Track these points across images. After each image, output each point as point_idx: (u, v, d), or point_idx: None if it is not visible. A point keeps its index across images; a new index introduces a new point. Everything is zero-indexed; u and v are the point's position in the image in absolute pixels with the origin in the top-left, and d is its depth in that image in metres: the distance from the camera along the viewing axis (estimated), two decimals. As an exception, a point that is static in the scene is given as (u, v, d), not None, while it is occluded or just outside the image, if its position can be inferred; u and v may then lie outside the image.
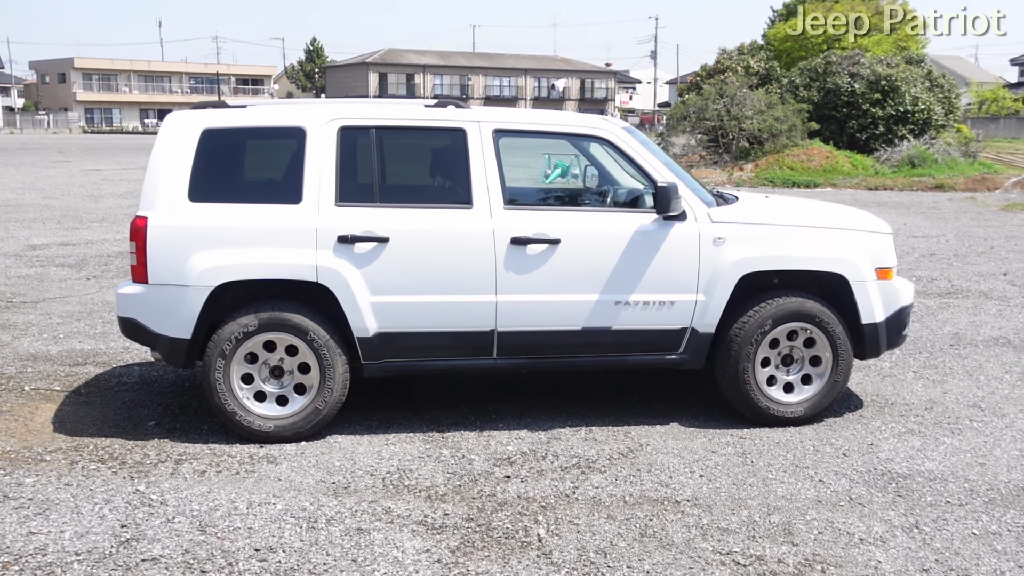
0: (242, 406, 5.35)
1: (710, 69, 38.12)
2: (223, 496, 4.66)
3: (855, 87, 31.02)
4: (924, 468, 5.06)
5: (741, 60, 37.40)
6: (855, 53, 33.02)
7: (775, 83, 34.60)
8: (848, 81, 31.29)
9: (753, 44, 39.82)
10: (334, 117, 5.40)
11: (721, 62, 38.12)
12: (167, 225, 5.24)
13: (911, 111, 30.73)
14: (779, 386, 5.71)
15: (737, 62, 37.25)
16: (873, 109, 30.70)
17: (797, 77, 33.21)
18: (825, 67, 32.41)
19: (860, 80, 31.23)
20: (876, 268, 5.70)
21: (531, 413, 5.94)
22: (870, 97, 30.93)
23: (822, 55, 33.74)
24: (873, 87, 31.14)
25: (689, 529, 4.33)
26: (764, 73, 35.73)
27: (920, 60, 34.89)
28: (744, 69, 36.39)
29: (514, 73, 79.53)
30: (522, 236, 5.36)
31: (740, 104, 28.88)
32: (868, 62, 31.88)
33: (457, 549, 4.13)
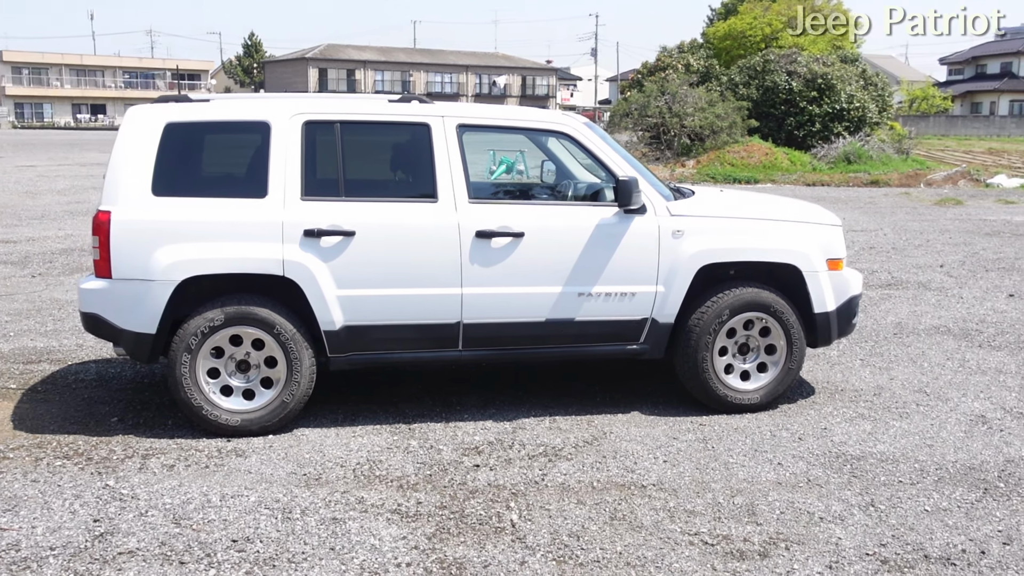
0: (209, 400, 5.36)
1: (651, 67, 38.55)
2: (195, 489, 4.67)
3: (792, 85, 31.70)
4: (876, 450, 5.27)
5: (681, 58, 37.91)
6: (792, 52, 33.70)
7: (714, 81, 35.18)
8: (786, 79, 31.96)
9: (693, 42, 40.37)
10: (299, 111, 5.43)
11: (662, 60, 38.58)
12: (131, 219, 5.22)
13: (846, 109, 31.50)
14: (736, 374, 5.88)
15: (677, 60, 37.75)
16: (810, 107, 31.40)
17: (736, 75, 33.80)
18: (763, 65, 33.06)
19: (797, 78, 31.92)
20: (827, 259, 5.90)
21: (495, 404, 6.03)
22: (807, 95, 31.63)
23: (760, 54, 34.39)
24: (810, 85, 31.85)
25: (657, 512, 4.46)
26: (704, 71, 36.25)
27: (855, 59, 35.75)
28: (684, 67, 36.88)
29: (456, 70, 79.43)
30: (487, 229, 5.45)
31: (681, 101, 29.29)
32: (805, 61, 32.59)
33: (433, 536, 4.21)
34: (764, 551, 4.07)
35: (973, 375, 6.78)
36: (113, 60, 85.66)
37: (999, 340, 7.82)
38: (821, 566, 3.94)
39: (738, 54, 37.37)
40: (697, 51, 38.70)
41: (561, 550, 4.08)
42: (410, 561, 3.97)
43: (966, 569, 3.93)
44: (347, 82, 75.03)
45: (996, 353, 7.40)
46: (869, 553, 4.05)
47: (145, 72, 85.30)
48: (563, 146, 6.61)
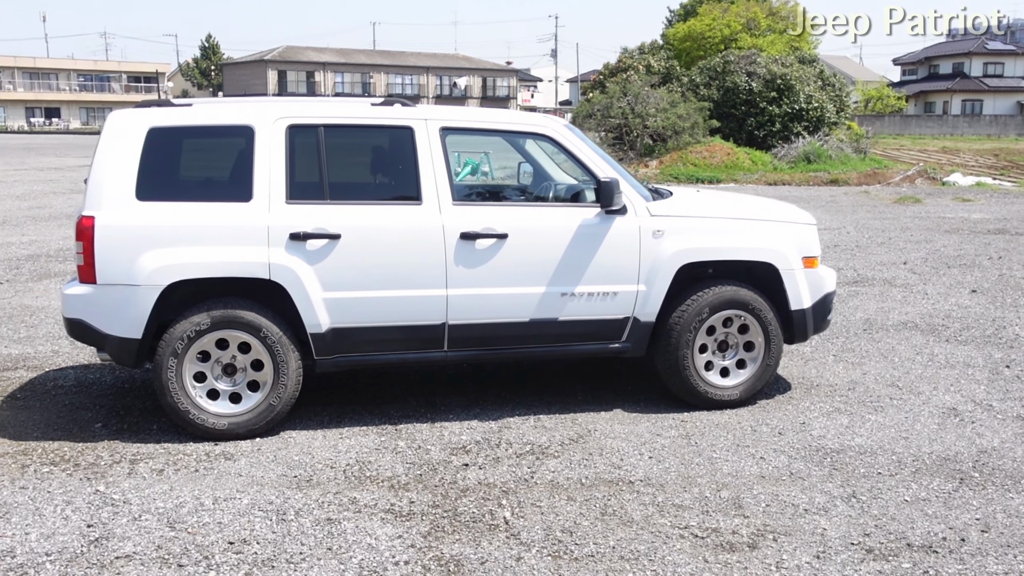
0: (195, 404, 5.36)
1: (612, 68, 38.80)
2: (186, 493, 4.68)
3: (752, 86, 32.05)
4: (854, 443, 5.40)
5: (642, 59, 38.19)
6: (751, 53, 34.09)
7: (675, 82, 35.46)
8: (746, 80, 32.31)
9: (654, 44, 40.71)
10: (282, 115, 5.45)
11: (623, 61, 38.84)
12: (115, 225, 5.21)
13: (805, 109, 31.93)
14: (716, 371, 6.00)
15: (638, 61, 38.02)
16: (770, 107, 31.77)
17: (697, 76, 34.11)
18: (723, 66, 33.39)
19: (757, 79, 32.28)
20: (803, 257, 6.04)
21: (479, 404, 6.09)
22: (767, 95, 32.00)
23: (720, 55, 34.72)
24: (769, 86, 32.22)
25: (646, 507, 4.55)
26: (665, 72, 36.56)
27: (812, 60, 36.21)
28: (645, 68, 37.17)
29: (416, 71, 79.26)
30: (471, 231, 5.51)
31: (644, 102, 29.51)
32: (764, 61, 32.97)
33: (428, 534, 4.26)
34: (753, 543, 4.18)
35: (942, 369, 6.96)
36: (67, 63, 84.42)
37: (965, 335, 8.02)
38: (809, 556, 4.05)
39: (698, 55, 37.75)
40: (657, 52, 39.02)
41: (555, 545, 4.15)
42: (407, 559, 4.03)
43: (947, 556, 4.06)
44: (306, 84, 74.58)
45: (963, 347, 7.59)
46: (854, 543, 4.17)
47: (100, 75, 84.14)
48: (540, 148, 6.71)
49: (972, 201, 20.34)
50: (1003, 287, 10.23)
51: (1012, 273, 11.12)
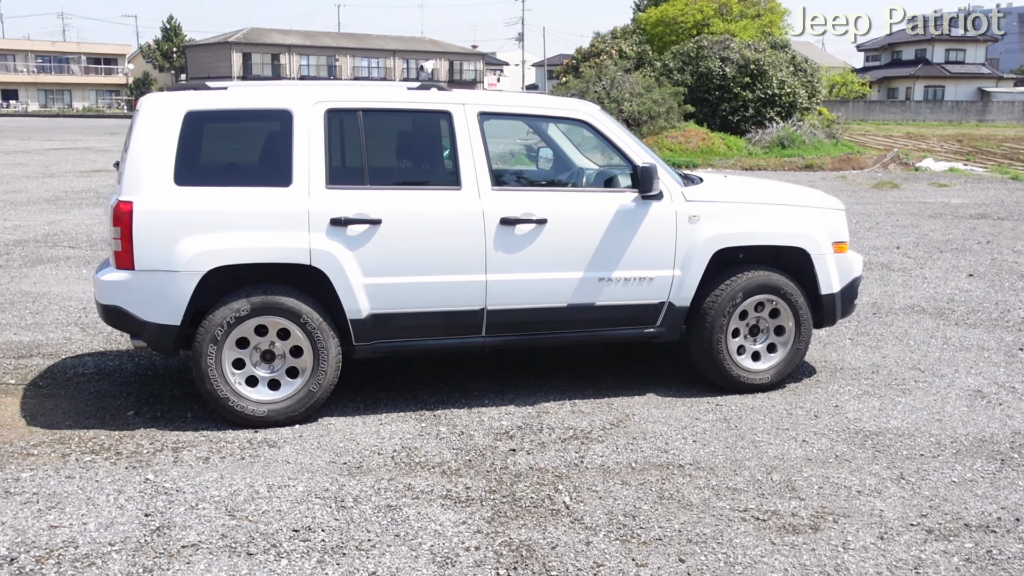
0: (235, 392, 5.31)
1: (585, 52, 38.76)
2: (238, 481, 4.64)
3: (726, 71, 32.19)
4: (890, 426, 5.48)
5: (615, 44, 38.19)
6: (725, 38, 34.21)
7: (648, 67, 35.52)
8: (719, 65, 32.43)
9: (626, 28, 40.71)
10: (321, 99, 5.39)
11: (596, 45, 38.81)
12: (154, 210, 5.13)
13: (778, 94, 32.14)
14: (748, 355, 6.05)
15: (611, 45, 38.03)
16: (743, 92, 31.93)
17: (670, 61, 34.17)
18: (697, 51, 33.48)
19: (731, 64, 32.42)
20: (833, 242, 6.10)
21: (512, 389, 6.09)
22: (740, 81, 32.15)
23: (693, 40, 34.81)
24: (743, 71, 32.38)
25: (701, 490, 4.59)
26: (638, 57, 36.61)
27: (784, 45, 36.39)
28: (618, 52, 37.18)
29: (382, 54, 78.61)
30: (511, 216, 5.50)
31: (619, 87, 29.54)
32: (737, 47, 33.11)
33: (492, 519, 4.26)
34: (815, 525, 4.23)
35: (958, 352, 7.07)
36: (24, 44, 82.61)
37: (972, 318, 8.16)
38: (873, 537, 4.11)
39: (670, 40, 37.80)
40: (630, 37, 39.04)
41: (621, 530, 4.17)
42: (477, 545, 4.03)
43: (1006, 536, 4.14)
44: (272, 67, 73.68)
45: (973, 331, 7.72)
46: (913, 524, 4.24)
47: (59, 56, 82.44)
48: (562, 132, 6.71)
49: (948, 186, 20.64)
50: (998, 271, 10.40)
51: (1004, 257, 11.32)
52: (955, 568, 3.85)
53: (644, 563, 3.88)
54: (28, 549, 3.95)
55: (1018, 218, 15.11)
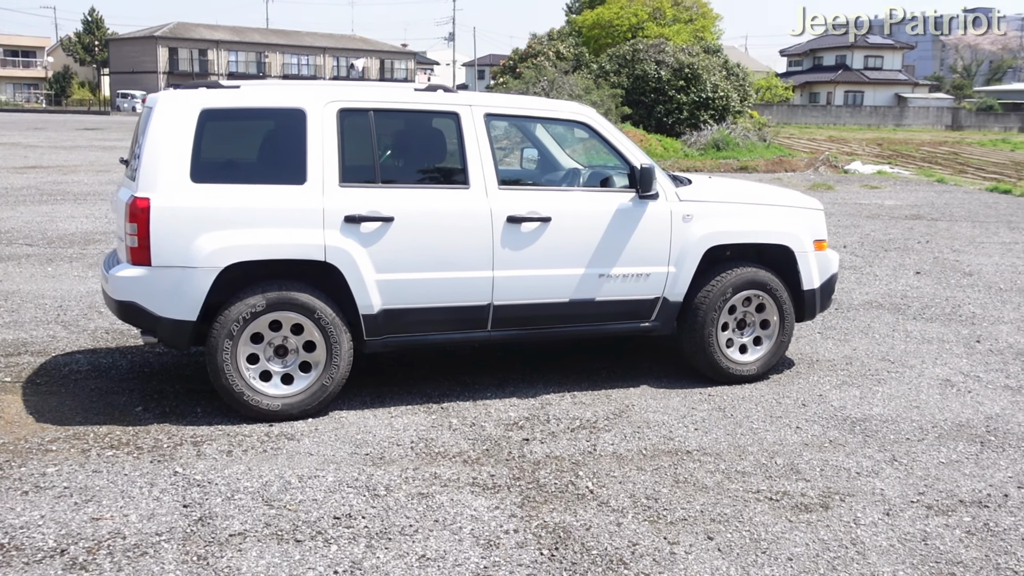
0: (249, 386, 5.40)
1: (522, 53, 39.11)
2: (267, 472, 4.75)
3: (661, 74, 32.87)
4: (873, 412, 5.83)
5: (551, 45, 38.61)
6: (660, 42, 34.92)
7: (585, 69, 36.02)
8: (655, 68, 33.10)
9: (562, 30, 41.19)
10: (333, 99, 5.51)
11: (532, 47, 39.21)
12: (171, 206, 5.20)
13: (712, 98, 32.94)
14: (736, 347, 6.35)
15: (548, 47, 38.43)
16: (678, 95, 32.65)
17: (607, 63, 34.73)
18: (633, 54, 34.12)
19: (666, 67, 33.11)
20: (814, 240, 6.44)
21: (510, 383, 6.29)
22: (675, 84, 32.87)
23: (629, 43, 35.44)
24: (677, 74, 33.10)
25: (713, 474, 4.86)
26: (575, 58, 37.08)
27: (717, 50, 37.34)
28: (555, 54, 37.60)
29: (313, 52, 77.93)
30: (517, 215, 5.70)
31: (559, 88, 29.90)
32: (672, 50, 33.83)
33: (523, 504, 4.46)
34: (824, 503, 4.52)
35: (921, 344, 7.50)
36: (-64, 35, 79.76)
37: (928, 313, 8.62)
38: (880, 513, 4.42)
39: (606, 43, 38.41)
40: (566, 39, 39.53)
41: (646, 511, 4.41)
42: (516, 528, 4.22)
43: (998, 510, 4.49)
44: (199, 63, 72.44)
45: (931, 325, 8.17)
46: (913, 501, 4.57)
47: (-27, 48, 79.78)
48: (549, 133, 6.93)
49: (880, 188, 21.44)
50: (942, 269, 10.95)
51: (945, 256, 11.90)
52: (959, 540, 4.18)
53: (676, 541, 4.12)
54: (76, 541, 4.02)
55: (950, 219, 15.83)
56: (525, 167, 7.27)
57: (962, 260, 11.59)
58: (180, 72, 70.83)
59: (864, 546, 4.10)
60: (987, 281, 10.23)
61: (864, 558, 4.00)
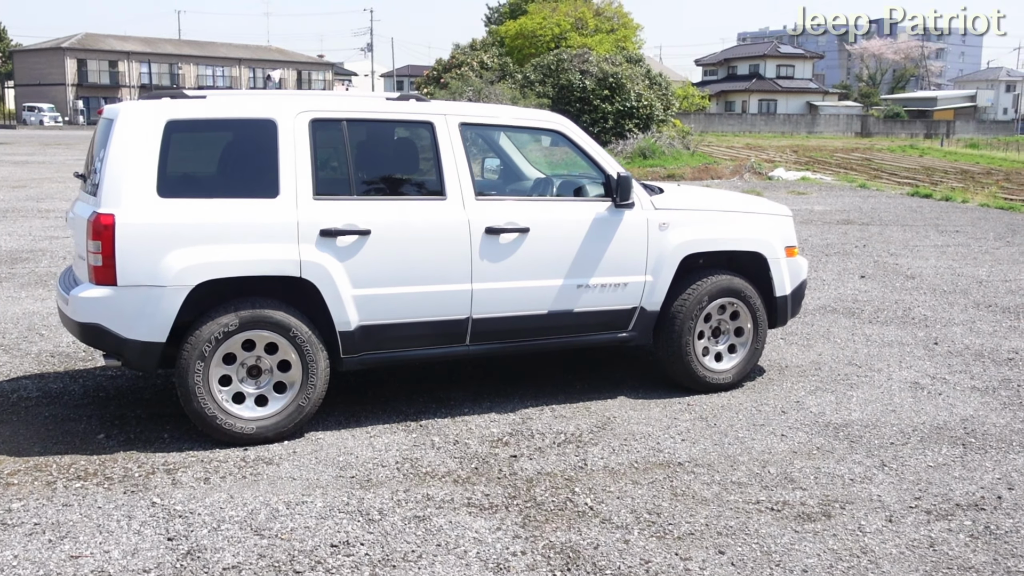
0: (222, 409, 5.16)
1: (446, 64, 38.99)
2: (251, 500, 4.52)
3: (586, 84, 33.08)
4: (853, 418, 5.85)
5: (475, 56, 38.58)
6: (584, 51, 35.15)
7: (510, 79, 36.09)
8: (580, 78, 33.30)
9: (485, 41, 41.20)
10: (304, 109, 5.32)
11: (456, 57, 39.12)
12: (138, 222, 4.94)
13: (636, 107, 33.27)
14: (711, 356, 6.32)
15: (472, 57, 38.39)
16: (603, 105, 32.90)
17: (531, 73, 34.84)
18: (557, 64, 34.28)
19: (590, 77, 33.35)
20: (785, 247, 6.46)
21: (486, 397, 6.15)
22: (600, 93, 33.11)
23: (553, 53, 35.61)
24: (602, 84, 33.36)
25: (709, 486, 4.79)
26: (500, 69, 37.11)
27: (639, 59, 37.76)
28: (480, 64, 37.58)
29: (227, 63, 76.46)
30: (495, 226, 5.57)
31: (486, 98, 29.92)
32: (596, 60, 34.10)
33: (524, 524, 4.32)
34: (826, 512, 4.49)
35: (883, 348, 7.59)
36: None
37: (882, 316, 8.76)
38: (882, 520, 4.40)
39: (530, 52, 38.53)
40: (490, 49, 39.54)
41: (652, 527, 4.31)
42: (523, 549, 4.08)
43: (995, 513, 4.51)
44: (109, 75, 70.44)
45: (887, 328, 8.29)
46: (911, 506, 4.57)
47: None
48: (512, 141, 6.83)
49: (807, 194, 21.88)
50: (885, 273, 11.17)
51: (884, 260, 12.15)
52: (964, 544, 4.18)
53: (688, 556, 4.03)
54: (57, 582, 3.75)
55: (880, 223, 16.21)
56: (487, 177, 7.13)
57: (901, 264, 11.84)
58: (89, 84, 68.79)
59: (875, 554, 4.07)
60: (930, 284, 10.46)
61: (878, 567, 3.97)
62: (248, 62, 77.89)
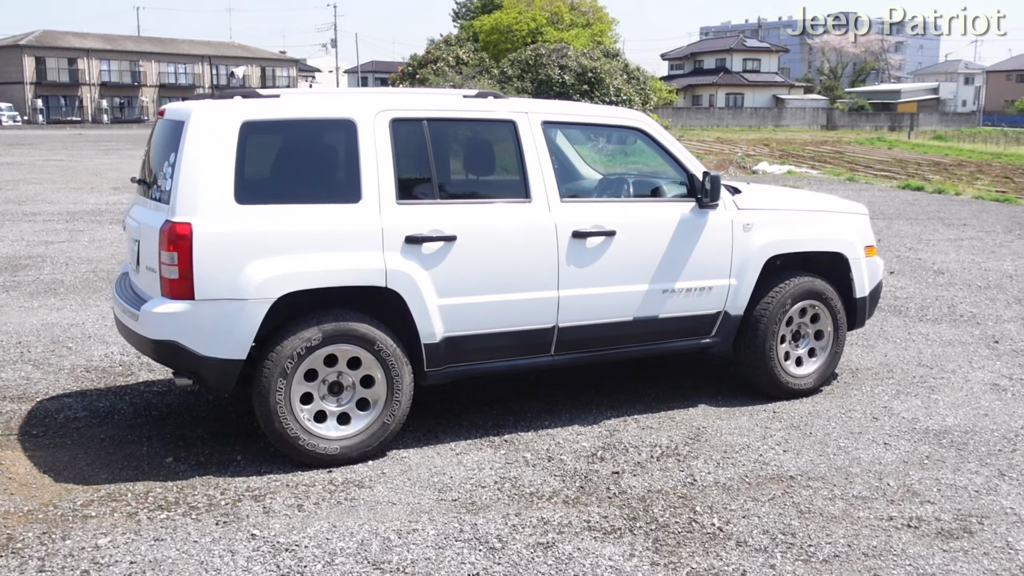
0: (305, 429, 4.84)
1: (421, 59, 38.53)
2: (356, 528, 4.21)
3: (565, 79, 32.93)
4: (949, 424, 5.65)
5: (450, 51, 38.19)
6: (562, 46, 34.94)
7: (487, 74, 35.77)
8: (559, 73, 33.14)
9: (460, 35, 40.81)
10: (384, 108, 5.00)
11: (431, 52, 38.68)
12: (216, 231, 4.59)
13: (615, 101, 33.10)
14: (792, 360, 6.09)
15: (447, 53, 37.99)
16: (582, 100, 32.69)
17: (509, 68, 34.58)
18: (535, 59, 34.06)
19: (569, 72, 33.20)
20: (865, 246, 6.24)
21: (562, 409, 5.87)
22: (579, 88, 32.95)
23: (531, 48, 35.33)
24: (580, 79, 33.24)
25: (832, 501, 4.55)
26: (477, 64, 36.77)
27: (616, 54, 37.60)
28: (455, 60, 37.20)
29: (190, 60, 75.14)
30: (582, 229, 5.29)
31: (467, 94, 29.55)
32: (574, 55, 33.94)
33: (658, 549, 4.05)
34: (966, 528, 4.27)
35: (946, 347, 7.42)
36: None
37: (930, 314, 8.60)
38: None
39: (505, 48, 38.21)
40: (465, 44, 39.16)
41: (792, 549, 4.06)
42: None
43: None
44: (69, 72, 68.92)
45: (940, 326, 8.13)
46: (1051, 519, 4.36)
47: None
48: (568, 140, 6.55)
49: (799, 188, 21.79)
50: (911, 268, 11.04)
51: (904, 255, 12.03)
52: (1123, 560, 3.98)
53: (845, 582, 3.79)
54: (176, 629, 3.41)
55: (884, 217, 16.14)
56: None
57: (923, 258, 11.73)
58: (49, 83, 67.28)
59: (1037, 574, 3.86)
60: (961, 279, 10.34)
61: (1047, 588, 3.75)
62: (211, 59, 76.63)
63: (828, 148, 43.71)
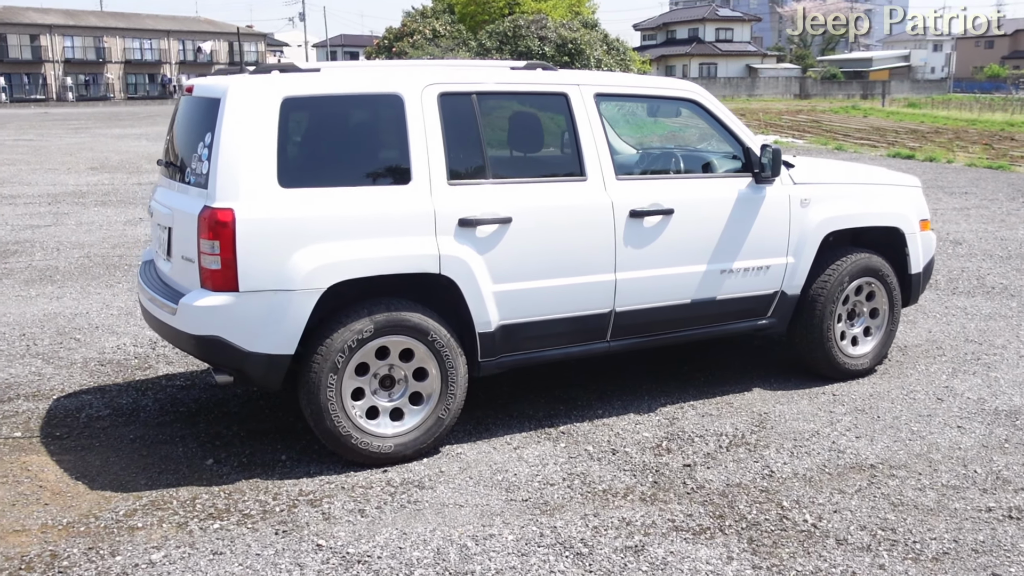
0: (357, 427, 4.53)
1: (397, 32, 37.81)
2: (427, 535, 3.92)
3: (545, 50, 32.36)
4: (1017, 403, 5.43)
5: (427, 23, 37.52)
6: (541, 17, 34.39)
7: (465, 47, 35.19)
8: (538, 44, 32.59)
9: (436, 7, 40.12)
10: (432, 81, 4.66)
11: (407, 25, 37.98)
12: (260, 218, 4.25)
13: (596, 72, 32.71)
14: (848, 340, 5.85)
15: (423, 25, 37.33)
16: (563, 71, 32.25)
17: (487, 40, 33.98)
18: (514, 31, 33.47)
19: (549, 43, 32.67)
20: (920, 220, 6.00)
21: (613, 396, 5.59)
22: (559, 60, 32.37)
23: (509, 19, 34.75)
24: (561, 50, 32.70)
25: (923, 492, 4.32)
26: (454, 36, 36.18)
27: (595, 24, 37.11)
28: (432, 32, 36.58)
29: (156, 35, 73.49)
30: (639, 208, 5.00)
31: (448, 67, 29.05)
32: (554, 26, 33.40)
33: (755, 551, 3.80)
34: (1069, 517, 4.06)
35: (987, 321, 7.22)
36: None
37: (961, 286, 8.41)
38: None
39: (483, 19, 37.58)
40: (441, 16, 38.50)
41: (896, 546, 3.82)
42: (773, 583, 3.56)
43: None
44: (31, 49, 67.21)
45: (974, 299, 7.94)
46: None
47: None
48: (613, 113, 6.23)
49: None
50: (927, 239, 10.83)
51: (916, 225, 11.83)
52: None
53: (963, 583, 3.56)
54: (257, 658, 3.11)
55: (883, 187, 15.93)
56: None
57: (937, 228, 11.52)
58: (11, 60, 65.51)
59: None
60: (981, 249, 10.17)
61: None
62: (177, 34, 74.99)
63: (804, 117, 43.58)
